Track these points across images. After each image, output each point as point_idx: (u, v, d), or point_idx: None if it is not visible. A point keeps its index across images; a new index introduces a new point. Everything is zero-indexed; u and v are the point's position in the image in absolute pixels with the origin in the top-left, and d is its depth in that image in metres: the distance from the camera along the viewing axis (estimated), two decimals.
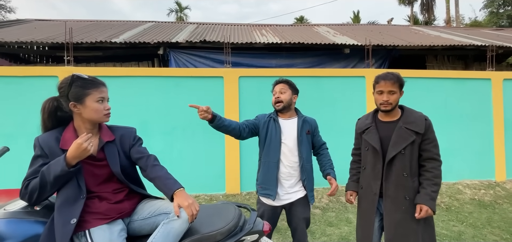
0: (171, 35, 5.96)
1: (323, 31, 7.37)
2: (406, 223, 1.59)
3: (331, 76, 4.56)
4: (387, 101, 1.61)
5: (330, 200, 3.95)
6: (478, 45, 5.59)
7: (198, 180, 4.17)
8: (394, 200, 1.61)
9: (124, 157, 1.32)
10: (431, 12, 17.99)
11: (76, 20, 8.07)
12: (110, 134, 1.31)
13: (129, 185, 1.30)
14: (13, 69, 4.16)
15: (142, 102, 4.10)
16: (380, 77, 1.65)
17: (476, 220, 3.47)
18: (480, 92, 4.77)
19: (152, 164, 1.31)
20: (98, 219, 1.18)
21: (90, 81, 1.23)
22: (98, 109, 1.23)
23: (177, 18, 23.90)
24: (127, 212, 1.28)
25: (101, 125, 1.32)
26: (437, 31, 7.97)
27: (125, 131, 1.38)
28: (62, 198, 1.16)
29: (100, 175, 1.25)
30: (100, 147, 1.26)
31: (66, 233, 1.10)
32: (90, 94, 1.21)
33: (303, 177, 1.88)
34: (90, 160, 1.22)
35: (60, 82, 1.23)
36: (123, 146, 1.33)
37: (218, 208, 1.45)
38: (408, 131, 1.60)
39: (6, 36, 5.26)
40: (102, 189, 1.25)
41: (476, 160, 4.70)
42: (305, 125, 1.95)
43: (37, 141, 1.21)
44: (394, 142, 1.61)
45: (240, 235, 1.32)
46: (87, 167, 1.22)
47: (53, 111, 1.25)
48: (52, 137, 1.21)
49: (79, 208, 1.15)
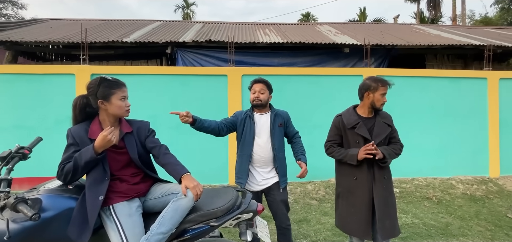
0: (178, 34, 6.23)
1: (325, 30, 7.54)
2: (389, 200, 1.95)
3: (330, 75, 4.77)
4: (384, 102, 1.99)
5: (326, 192, 4.19)
6: (477, 45, 5.69)
7: (202, 172, 4.45)
8: (379, 181, 1.93)
9: (140, 146, 1.55)
10: (438, 9, 17.80)
11: (89, 19, 8.42)
12: (128, 126, 1.55)
13: (144, 169, 1.54)
14: (34, 68, 4.51)
15: (151, 99, 4.39)
16: (385, 82, 1.95)
17: (464, 212, 3.66)
18: (476, 91, 4.90)
19: (164, 152, 1.56)
20: (120, 197, 1.43)
21: (115, 82, 1.48)
22: (121, 106, 1.47)
23: (183, 14, 24.19)
24: (143, 192, 1.53)
25: (121, 119, 1.55)
26: (439, 30, 8.03)
27: (141, 124, 1.62)
28: (91, 179, 1.40)
29: (120, 161, 1.48)
30: (121, 137, 1.49)
31: (95, 207, 1.34)
32: (115, 94, 1.45)
33: (276, 165, 2.16)
34: (113, 148, 1.44)
35: (89, 83, 1.48)
36: (139, 136, 1.57)
37: (218, 191, 1.71)
38: (385, 125, 2.00)
39: (26, 36, 5.61)
40: (122, 173, 1.49)
41: (471, 156, 4.85)
42: (277, 118, 2.21)
43: (70, 132, 1.45)
44: (377, 133, 1.96)
45: (237, 212, 1.57)
46: (110, 154, 1.45)
47: (83, 107, 1.48)
48: (82, 129, 1.45)
49: (105, 187, 1.39)
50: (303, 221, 3.35)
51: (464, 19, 16.76)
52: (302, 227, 3.20)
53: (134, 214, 1.40)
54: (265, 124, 2.19)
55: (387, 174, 1.99)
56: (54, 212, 1.31)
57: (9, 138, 4.15)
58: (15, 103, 4.28)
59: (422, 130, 4.78)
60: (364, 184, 1.91)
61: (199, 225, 1.45)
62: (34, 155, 1.60)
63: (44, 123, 4.24)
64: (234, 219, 1.57)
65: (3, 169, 1.41)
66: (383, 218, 1.87)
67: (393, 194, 2.00)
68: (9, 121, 4.25)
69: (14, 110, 4.26)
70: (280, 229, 2.20)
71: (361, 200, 1.92)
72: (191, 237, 1.43)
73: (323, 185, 4.33)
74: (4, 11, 17.38)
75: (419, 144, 4.71)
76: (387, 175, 1.98)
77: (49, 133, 4.06)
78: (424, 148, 4.74)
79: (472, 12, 21.86)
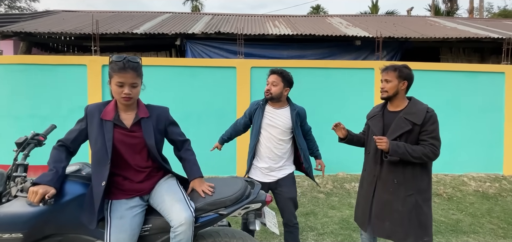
0: (187, 26, 6.24)
1: (336, 22, 7.39)
2: (391, 203, 1.74)
3: (341, 68, 4.69)
4: (383, 88, 1.79)
5: (334, 186, 4.17)
6: (494, 38, 5.46)
7: (211, 163, 4.47)
8: (385, 182, 1.77)
9: (158, 133, 1.48)
10: (454, 1, 17.15)
11: (100, 11, 8.51)
12: (145, 111, 1.47)
13: (158, 158, 1.46)
14: (47, 58, 4.62)
15: (160, 90, 4.43)
16: (381, 69, 1.84)
17: (476, 210, 3.58)
18: (493, 86, 4.73)
19: (186, 148, 1.58)
20: (120, 194, 1.40)
21: (115, 65, 1.36)
22: (116, 92, 1.36)
23: (192, 7, 24.15)
24: (147, 190, 1.46)
25: (139, 102, 1.48)
26: (455, 22, 7.74)
27: (161, 110, 1.54)
28: (94, 164, 1.38)
29: (130, 145, 1.41)
30: (135, 121, 1.42)
31: (98, 193, 1.34)
32: (113, 77, 1.36)
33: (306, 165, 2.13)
34: (123, 130, 1.40)
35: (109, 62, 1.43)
36: (159, 123, 1.49)
37: (227, 180, 1.72)
38: (406, 121, 1.71)
39: (39, 27, 5.73)
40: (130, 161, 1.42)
41: (484, 153, 4.72)
42: (298, 118, 2.11)
43: (86, 109, 1.44)
44: (392, 130, 1.74)
45: (246, 202, 1.59)
46: (118, 135, 1.39)
47: None
48: (98, 108, 1.42)
49: (106, 172, 1.34)
50: (310, 214, 3.36)
51: (481, 12, 16.11)
52: (309, 220, 3.20)
53: (126, 216, 1.34)
54: (283, 119, 2.06)
55: (400, 178, 1.73)
56: (68, 197, 1.35)
57: (24, 125, 4.27)
58: (30, 93, 4.40)
59: None
60: (370, 177, 1.86)
61: (208, 213, 1.47)
62: (48, 143, 1.63)
63: (57, 112, 4.35)
64: (243, 208, 1.58)
65: (19, 155, 1.46)
66: (380, 216, 1.78)
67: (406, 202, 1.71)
68: (25, 110, 4.38)
69: (29, 100, 4.39)
70: (286, 226, 2.12)
71: (365, 192, 1.90)
72: (200, 225, 1.45)
73: (331, 179, 4.31)
74: (18, 3, 17.79)
75: None
76: (399, 180, 1.73)
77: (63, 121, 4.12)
78: None
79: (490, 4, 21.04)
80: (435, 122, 1.70)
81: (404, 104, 1.79)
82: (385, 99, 1.82)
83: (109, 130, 1.38)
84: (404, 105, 1.79)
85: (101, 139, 1.36)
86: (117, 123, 1.40)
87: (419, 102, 1.78)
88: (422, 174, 1.75)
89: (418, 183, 1.74)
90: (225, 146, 4.44)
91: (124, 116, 1.43)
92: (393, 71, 1.76)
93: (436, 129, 1.70)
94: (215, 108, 4.52)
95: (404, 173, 1.73)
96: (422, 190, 1.75)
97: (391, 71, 1.76)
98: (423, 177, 1.75)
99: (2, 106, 4.40)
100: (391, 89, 1.76)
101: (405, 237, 1.73)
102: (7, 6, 17.48)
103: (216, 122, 4.46)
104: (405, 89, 1.79)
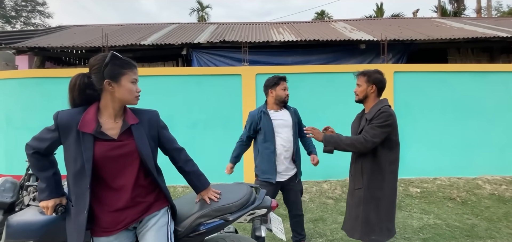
0: (193, 36, 6.36)
1: (340, 27, 7.39)
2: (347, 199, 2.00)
3: (346, 72, 4.66)
4: (355, 92, 1.93)
5: (343, 192, 4.11)
6: (504, 37, 5.35)
7: (218, 170, 4.49)
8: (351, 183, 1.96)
9: (151, 140, 1.29)
10: (460, 1, 16.91)
11: (109, 25, 8.79)
12: (134, 117, 1.26)
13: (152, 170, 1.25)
14: (60, 71, 4.79)
15: (167, 99, 4.51)
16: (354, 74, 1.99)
17: (492, 214, 3.46)
18: (504, 86, 4.61)
19: (186, 159, 1.42)
20: (101, 231, 1.20)
21: (127, 62, 1.22)
22: (131, 90, 1.21)
23: (198, 17, 24.63)
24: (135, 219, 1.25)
25: (126, 108, 1.27)
26: (461, 22, 7.62)
27: (151, 114, 1.35)
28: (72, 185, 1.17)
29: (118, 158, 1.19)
30: (123, 130, 1.21)
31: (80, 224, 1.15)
32: (126, 74, 1.20)
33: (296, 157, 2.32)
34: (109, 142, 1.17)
35: (94, 59, 1.19)
36: (151, 129, 1.30)
37: (233, 186, 1.73)
38: (364, 119, 1.87)
39: (52, 42, 5.96)
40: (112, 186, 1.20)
41: (499, 155, 4.57)
42: (295, 117, 2.36)
43: (57, 116, 1.16)
44: (353, 129, 1.99)
45: (251, 207, 1.59)
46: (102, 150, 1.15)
47: (84, 88, 1.18)
48: (72, 117, 1.16)
49: (87, 198, 1.14)
50: (319, 220, 3.31)
51: (489, 11, 15.81)
52: (318, 226, 3.15)
53: None
54: (287, 120, 2.30)
55: (352, 172, 1.93)
56: None
57: None
58: (43, 105, 4.55)
59: (444, 127, 4.57)
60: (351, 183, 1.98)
61: (214, 219, 1.47)
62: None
63: None
64: (248, 214, 1.58)
65: None
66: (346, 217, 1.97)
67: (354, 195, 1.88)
68: (39, 122, 4.47)
69: (43, 112, 4.53)
70: (295, 217, 2.37)
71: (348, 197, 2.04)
72: (205, 232, 1.45)
73: (340, 184, 4.25)
74: (33, 20, 18.57)
75: (441, 142, 4.51)
76: (352, 173, 1.93)
77: None
78: (446, 146, 4.53)
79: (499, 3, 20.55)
80: (382, 118, 1.73)
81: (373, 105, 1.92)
82: (357, 102, 1.95)
83: (88, 147, 1.14)
84: None
85: (82, 158, 1.14)
86: (99, 135, 1.16)
87: (382, 102, 1.84)
88: (373, 170, 1.79)
89: (368, 178, 1.80)
90: None
91: (110, 126, 1.20)
92: (363, 76, 1.88)
93: (380, 123, 1.73)
94: (221, 115, 4.56)
95: (355, 167, 1.89)
96: (373, 187, 1.79)
97: (361, 76, 1.89)
98: (374, 174, 1.79)
99: (17, 118, 4.57)
100: (361, 93, 1.88)
101: (351, 232, 1.85)
102: (22, 23, 18.27)
103: (223, 129, 4.49)
104: (374, 93, 1.86)
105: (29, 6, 18.34)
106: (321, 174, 4.23)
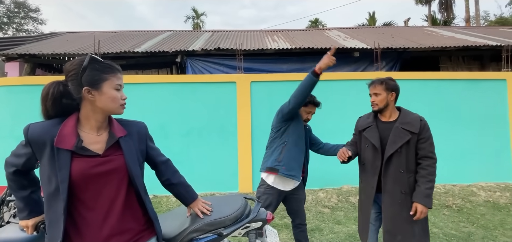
0: (188, 43, 6.34)
1: (334, 35, 7.48)
2: (401, 215, 1.76)
3: (340, 80, 4.69)
4: (373, 102, 1.86)
5: (339, 200, 4.07)
6: (493, 45, 5.48)
7: (212, 179, 4.44)
8: (392, 194, 1.78)
9: (140, 155, 1.15)
10: (450, 10, 17.40)
11: (103, 32, 8.72)
12: (121, 128, 1.11)
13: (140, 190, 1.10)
14: (51, 79, 4.67)
15: (161, 107, 4.45)
16: (368, 84, 1.92)
17: (488, 221, 3.45)
18: (495, 93, 4.69)
19: (174, 170, 1.33)
20: None
21: (109, 65, 1.05)
22: (115, 97, 1.05)
23: (194, 24, 24.73)
24: None
25: (111, 119, 1.11)
26: (452, 31, 7.80)
27: (140, 126, 1.20)
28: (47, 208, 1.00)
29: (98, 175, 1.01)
30: (110, 144, 1.05)
31: None
32: (108, 80, 1.03)
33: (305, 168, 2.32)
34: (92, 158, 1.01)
35: (70, 64, 1.03)
36: (140, 143, 1.16)
37: (227, 198, 1.67)
38: (404, 130, 1.77)
39: (43, 49, 5.85)
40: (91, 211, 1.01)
41: (492, 162, 4.61)
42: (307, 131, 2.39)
43: (27, 132, 1.01)
44: (392, 141, 1.78)
45: (246, 221, 1.53)
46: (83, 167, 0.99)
47: (58, 97, 1.02)
48: (47, 130, 1.00)
49: (62, 224, 0.97)
50: (315, 230, 3.25)
51: (478, 20, 16.28)
52: (314, 236, 3.10)
53: None
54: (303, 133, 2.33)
55: (406, 188, 1.76)
56: None
57: None
58: (32, 114, 4.43)
59: (437, 134, 4.49)
60: (368, 190, 1.89)
61: (207, 234, 1.42)
62: None
63: None
64: (243, 228, 1.53)
65: None
66: (392, 232, 1.79)
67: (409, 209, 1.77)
68: None
69: (32, 120, 4.39)
70: (299, 227, 2.30)
71: (364, 204, 1.94)
72: None
73: (336, 193, 4.21)
74: (25, 26, 18.35)
75: (435, 149, 4.53)
76: (406, 190, 1.76)
77: None
78: (440, 153, 4.44)
79: (486, 13, 21.26)
80: (429, 128, 1.81)
81: (396, 115, 1.87)
82: (377, 112, 1.88)
83: (63, 165, 0.96)
84: (396, 115, 1.86)
85: (56, 178, 0.97)
86: (80, 151, 0.99)
87: (410, 111, 1.87)
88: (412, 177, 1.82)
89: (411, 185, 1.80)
90: (228, 162, 4.45)
91: (92, 140, 1.04)
92: (380, 85, 1.83)
93: (431, 135, 1.81)
94: (216, 123, 4.51)
95: (408, 182, 1.77)
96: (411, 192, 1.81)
97: (378, 85, 1.84)
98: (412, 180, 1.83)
99: (4, 127, 4.43)
100: (381, 102, 1.83)
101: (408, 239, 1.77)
102: (15, 29, 18.04)
103: (217, 136, 4.43)
104: (394, 100, 1.86)
105: (22, 13, 18.14)
106: (316, 182, 4.19)
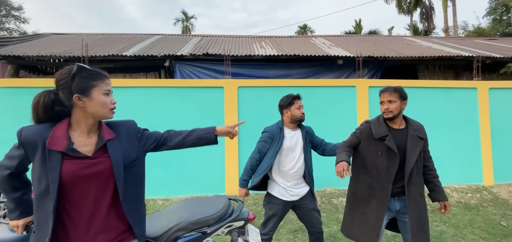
0: (176, 48, 6.38)
1: (319, 43, 7.73)
2: (423, 216, 1.88)
3: (324, 86, 4.88)
4: (388, 109, 1.87)
5: (322, 202, 4.23)
6: (466, 56, 5.85)
7: (199, 182, 4.50)
8: (416, 199, 1.83)
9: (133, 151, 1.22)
10: (430, 21, 18.26)
11: (90, 34, 8.61)
12: (110, 132, 1.17)
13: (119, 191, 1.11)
14: (35, 81, 4.61)
15: (149, 111, 4.48)
16: (381, 91, 1.95)
17: (458, 221, 3.70)
18: (467, 101, 5.01)
19: (176, 132, 1.39)
20: None
21: (96, 72, 1.12)
22: (105, 102, 1.11)
23: (183, 27, 24.64)
24: None
25: (101, 122, 1.17)
26: (430, 41, 8.24)
27: (129, 124, 1.27)
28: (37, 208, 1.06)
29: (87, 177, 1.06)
30: (99, 146, 1.11)
31: None
32: (97, 86, 1.10)
33: (308, 179, 2.27)
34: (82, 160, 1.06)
35: (60, 74, 1.09)
36: (130, 138, 1.22)
37: (211, 199, 1.77)
38: (417, 137, 1.88)
39: (28, 50, 5.74)
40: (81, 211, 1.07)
41: (465, 165, 4.91)
42: (308, 135, 2.31)
43: (20, 135, 1.06)
44: (411, 149, 1.83)
45: (229, 220, 1.63)
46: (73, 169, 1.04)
47: (50, 105, 1.08)
48: (39, 133, 1.05)
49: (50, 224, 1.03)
50: (298, 230, 3.38)
51: (456, 30, 17.15)
52: (297, 237, 3.22)
53: None
54: (299, 140, 2.25)
55: (422, 190, 1.91)
56: None
57: None
58: (17, 116, 4.35)
59: None
60: (381, 196, 1.85)
61: (191, 232, 1.51)
62: None
63: None
64: (226, 227, 1.63)
65: None
66: (418, 235, 1.82)
67: (426, 209, 1.91)
68: (11, 133, 4.28)
69: (17, 123, 4.31)
70: (313, 234, 2.28)
71: (375, 210, 1.86)
72: None
73: (319, 195, 4.37)
74: (7, 25, 17.72)
75: None
76: (422, 192, 1.90)
77: None
78: None
79: (465, 23, 22.36)
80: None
81: (404, 122, 1.95)
82: (390, 119, 1.89)
83: (54, 166, 1.02)
84: (404, 123, 1.95)
85: (46, 178, 1.03)
86: (70, 153, 1.05)
87: (412, 119, 1.99)
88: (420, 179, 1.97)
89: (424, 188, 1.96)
90: (215, 164, 4.52)
91: (82, 142, 1.10)
92: (395, 92, 1.88)
93: None
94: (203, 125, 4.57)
95: (422, 185, 1.93)
96: None
97: (394, 92, 1.88)
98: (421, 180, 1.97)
99: None
100: (396, 109, 1.87)
101: None
102: None
103: None
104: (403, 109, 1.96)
105: (3, 10, 17.52)
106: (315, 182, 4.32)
